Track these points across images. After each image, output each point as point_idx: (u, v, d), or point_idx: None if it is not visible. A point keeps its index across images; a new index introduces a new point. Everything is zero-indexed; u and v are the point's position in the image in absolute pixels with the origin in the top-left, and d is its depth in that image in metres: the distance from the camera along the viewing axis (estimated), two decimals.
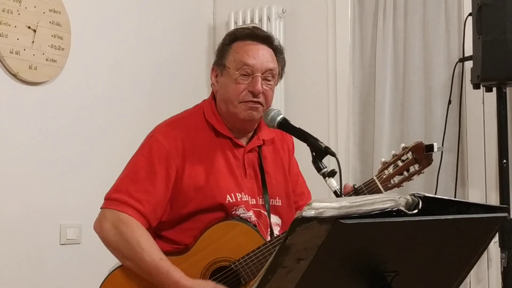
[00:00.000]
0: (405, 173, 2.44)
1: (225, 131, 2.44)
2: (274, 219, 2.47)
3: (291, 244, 1.29)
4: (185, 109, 2.56)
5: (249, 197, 2.43)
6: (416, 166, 2.44)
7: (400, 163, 2.44)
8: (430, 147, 2.43)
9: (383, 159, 2.48)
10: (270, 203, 2.47)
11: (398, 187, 2.47)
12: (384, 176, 2.44)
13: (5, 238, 3.48)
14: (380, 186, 2.43)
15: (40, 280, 3.61)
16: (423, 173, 2.47)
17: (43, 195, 3.65)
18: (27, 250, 3.57)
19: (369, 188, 2.43)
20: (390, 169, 2.44)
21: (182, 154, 2.36)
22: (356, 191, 2.40)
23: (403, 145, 2.48)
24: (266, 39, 2.45)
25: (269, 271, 1.33)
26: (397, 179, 2.44)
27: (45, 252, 3.65)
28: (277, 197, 2.51)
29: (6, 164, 3.51)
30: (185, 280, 2.26)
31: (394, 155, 2.46)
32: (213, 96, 2.50)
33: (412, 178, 2.47)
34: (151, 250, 2.28)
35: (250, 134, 2.51)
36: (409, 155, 2.43)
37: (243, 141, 2.48)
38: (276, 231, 2.46)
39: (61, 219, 3.73)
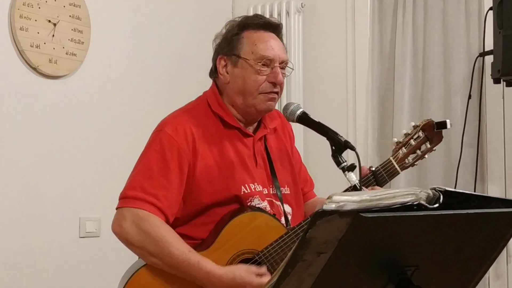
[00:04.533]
0: (418, 151, 2.47)
1: (234, 121, 2.40)
2: (286, 208, 2.44)
3: (311, 237, 1.29)
4: (187, 103, 2.51)
5: (262, 187, 2.39)
6: (428, 144, 2.47)
7: (413, 142, 2.47)
8: (440, 124, 2.46)
9: (395, 139, 2.51)
10: (281, 192, 2.45)
11: (413, 166, 2.49)
12: (400, 156, 2.46)
13: (26, 231, 3.51)
14: (396, 166, 2.45)
15: (59, 272, 3.63)
16: (434, 150, 2.51)
17: (62, 189, 3.67)
18: (47, 243, 3.60)
19: (386, 169, 2.45)
20: (404, 149, 2.46)
21: (193, 148, 2.31)
22: (374, 173, 2.41)
23: (412, 123, 2.51)
24: (277, 28, 2.45)
25: (289, 264, 1.33)
26: (411, 158, 2.47)
27: (65, 245, 3.67)
28: (286, 185, 2.48)
29: (26, 158, 3.53)
30: (217, 269, 2.21)
31: (406, 134, 2.48)
32: (216, 87, 2.46)
33: (425, 156, 2.51)
34: (178, 244, 2.22)
35: (256, 123, 2.49)
36: (421, 133, 2.47)
37: (250, 130, 2.46)
38: (289, 220, 2.43)
39: (80, 212, 3.76)
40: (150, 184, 2.26)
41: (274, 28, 2.44)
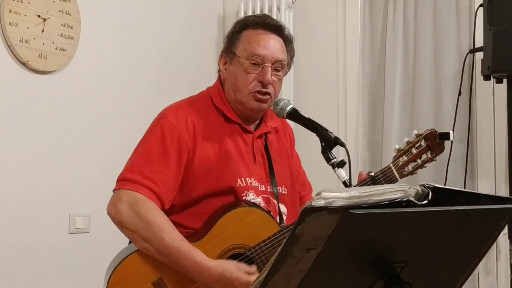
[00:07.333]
0: (418, 160, 2.44)
1: (234, 117, 2.44)
2: (281, 208, 2.46)
3: (300, 233, 1.29)
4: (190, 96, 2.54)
5: (258, 183, 2.41)
6: (429, 154, 2.44)
7: (414, 151, 2.44)
8: (443, 135, 2.44)
9: (397, 146, 2.48)
10: (278, 191, 2.46)
11: (412, 174, 2.47)
12: (400, 164, 2.43)
13: (15, 226, 3.50)
14: (396, 174, 2.43)
15: (49, 268, 3.62)
16: (435, 160, 2.48)
17: (52, 184, 3.66)
18: (37, 239, 3.59)
19: (385, 175, 2.43)
20: (405, 157, 2.43)
21: (193, 136, 2.34)
22: (372, 178, 2.40)
23: (415, 132, 2.48)
24: (277, 29, 2.45)
25: (278, 260, 1.32)
26: (411, 166, 2.44)
27: (54, 241, 3.66)
28: (283, 185, 2.50)
29: (16, 153, 3.52)
30: (207, 260, 2.22)
31: (408, 142, 2.46)
32: (220, 82, 2.49)
33: (425, 165, 2.47)
34: (171, 231, 2.23)
35: (257, 121, 2.51)
36: (423, 142, 2.44)
37: (251, 127, 2.48)
38: (284, 220, 2.44)
39: (70, 208, 3.75)
40: (149, 168, 2.29)
41: (273, 28, 2.44)
